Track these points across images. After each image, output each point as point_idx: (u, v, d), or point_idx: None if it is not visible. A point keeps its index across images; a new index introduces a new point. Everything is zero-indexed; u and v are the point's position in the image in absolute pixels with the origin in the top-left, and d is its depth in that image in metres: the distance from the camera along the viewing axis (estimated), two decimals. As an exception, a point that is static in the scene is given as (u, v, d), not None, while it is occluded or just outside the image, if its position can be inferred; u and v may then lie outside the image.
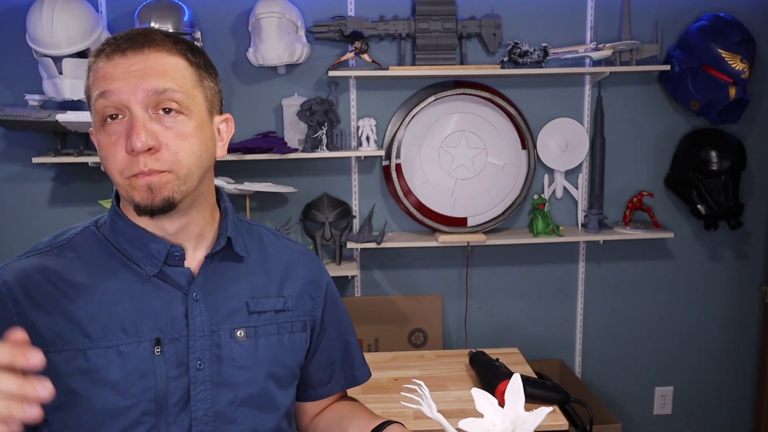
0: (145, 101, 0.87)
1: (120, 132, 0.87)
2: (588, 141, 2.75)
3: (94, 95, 0.89)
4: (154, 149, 0.86)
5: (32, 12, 2.30)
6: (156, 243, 0.94)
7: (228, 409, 0.95)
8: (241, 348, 0.97)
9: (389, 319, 2.76)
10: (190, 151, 0.89)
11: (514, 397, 0.83)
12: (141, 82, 0.86)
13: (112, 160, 0.88)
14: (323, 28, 2.55)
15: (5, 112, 2.41)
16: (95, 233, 0.97)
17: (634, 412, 2.99)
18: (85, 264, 0.93)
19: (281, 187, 2.53)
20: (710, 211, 2.72)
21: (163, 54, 0.89)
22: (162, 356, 0.91)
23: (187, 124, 0.89)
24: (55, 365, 0.87)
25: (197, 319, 0.94)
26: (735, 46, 2.55)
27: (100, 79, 0.88)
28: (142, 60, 0.88)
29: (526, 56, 2.60)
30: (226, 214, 1.02)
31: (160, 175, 0.87)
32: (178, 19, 2.42)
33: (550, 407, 0.84)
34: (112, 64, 0.88)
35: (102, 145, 0.89)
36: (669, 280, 2.91)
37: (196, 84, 0.92)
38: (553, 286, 2.89)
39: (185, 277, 0.95)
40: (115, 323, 0.90)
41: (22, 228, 2.64)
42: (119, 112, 0.87)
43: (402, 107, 2.69)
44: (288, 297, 1.04)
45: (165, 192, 0.88)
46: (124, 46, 0.88)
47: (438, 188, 2.70)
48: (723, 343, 2.98)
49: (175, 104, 0.88)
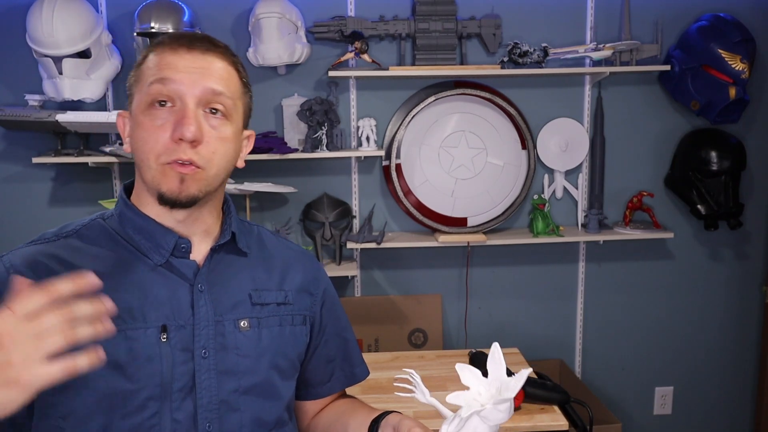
0: (200, 97, 0.93)
1: (167, 118, 0.92)
2: (588, 141, 2.75)
3: (149, 79, 0.93)
4: (197, 142, 0.91)
5: (32, 12, 2.30)
6: (164, 234, 0.97)
7: (231, 397, 0.97)
8: (245, 338, 0.99)
9: (389, 319, 2.76)
10: (224, 154, 0.96)
11: (495, 366, 0.86)
12: (201, 79, 0.93)
13: (152, 143, 0.91)
14: (323, 28, 2.54)
15: (5, 112, 2.41)
16: (102, 224, 1.00)
17: (634, 412, 2.99)
18: (93, 252, 0.96)
19: (281, 187, 2.53)
20: (710, 211, 2.72)
21: (224, 61, 0.97)
22: (168, 343, 0.93)
23: (228, 129, 0.96)
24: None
25: (202, 309, 0.97)
26: (735, 46, 2.55)
27: (163, 67, 0.93)
28: (206, 61, 0.95)
29: (526, 56, 2.60)
30: (229, 212, 1.05)
31: (194, 170, 0.92)
32: (178, 19, 2.42)
33: (530, 369, 0.87)
34: (177, 56, 0.94)
35: (144, 126, 0.92)
36: (669, 280, 2.91)
37: (241, 95, 0.99)
38: (553, 286, 2.88)
39: (191, 268, 0.98)
40: (123, 308, 0.91)
41: (22, 228, 2.64)
42: (171, 101, 0.92)
43: (402, 107, 2.69)
44: (288, 291, 1.07)
45: (193, 189, 0.93)
46: (192, 44, 0.95)
47: (438, 188, 2.70)
48: (723, 343, 2.98)
49: (223, 108, 0.95)
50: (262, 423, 1.01)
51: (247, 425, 0.99)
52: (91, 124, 2.38)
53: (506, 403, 0.84)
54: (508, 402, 0.84)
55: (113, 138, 2.57)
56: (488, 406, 0.83)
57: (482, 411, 0.83)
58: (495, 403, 0.83)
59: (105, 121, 2.35)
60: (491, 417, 0.84)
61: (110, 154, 2.45)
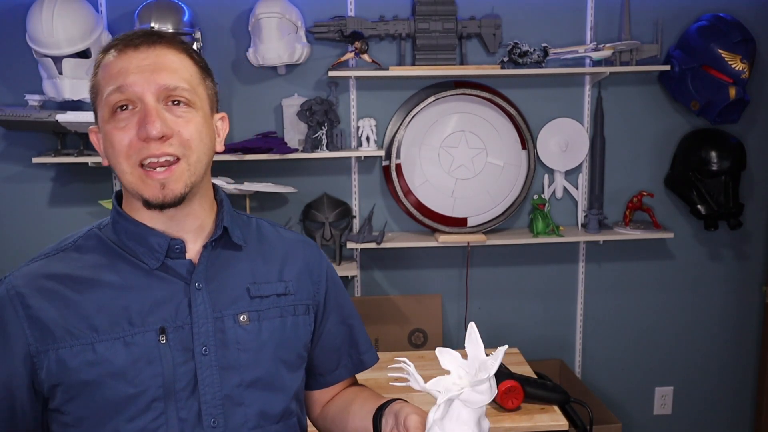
0: (157, 93, 0.92)
1: (130, 120, 0.92)
2: (588, 141, 2.75)
3: (106, 90, 0.92)
4: (167, 136, 0.91)
5: (32, 12, 2.30)
6: (157, 237, 0.97)
7: (235, 391, 0.98)
8: (245, 332, 1.00)
9: (389, 319, 2.76)
10: (199, 139, 0.95)
11: (473, 347, 0.86)
12: (154, 76, 0.92)
13: (119, 146, 0.92)
14: (323, 28, 2.54)
15: (5, 112, 2.41)
16: (98, 234, 1.00)
17: (634, 412, 2.99)
18: (90, 262, 0.97)
19: (281, 187, 2.53)
20: (710, 211, 2.72)
21: (173, 51, 0.96)
22: (167, 344, 0.95)
23: (195, 115, 0.95)
24: (65, 360, 0.92)
25: (200, 307, 0.97)
26: (735, 46, 2.55)
27: (114, 75, 0.92)
28: (154, 55, 0.93)
29: (526, 56, 2.60)
30: (222, 207, 1.05)
31: (171, 169, 0.92)
32: (178, 19, 2.42)
33: (506, 345, 0.87)
34: (125, 57, 0.93)
35: (109, 133, 0.93)
36: (669, 280, 2.91)
37: (200, 81, 0.98)
38: (553, 286, 2.88)
39: (186, 267, 0.99)
40: (121, 316, 0.94)
41: (23, 228, 2.64)
42: (131, 104, 0.92)
43: (402, 107, 2.69)
44: (288, 281, 1.07)
45: (178, 187, 0.93)
46: (136, 41, 0.94)
47: (438, 188, 2.70)
48: (723, 343, 2.98)
49: (184, 98, 0.94)
50: (268, 416, 1.01)
51: (252, 419, 1.00)
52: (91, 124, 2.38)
53: (485, 384, 0.83)
54: (486, 383, 0.83)
55: (113, 138, 2.57)
56: (466, 390, 0.83)
57: (461, 395, 0.82)
58: (473, 385, 0.83)
59: (105, 121, 2.35)
60: (472, 399, 0.83)
61: (110, 154, 2.45)
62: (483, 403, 0.84)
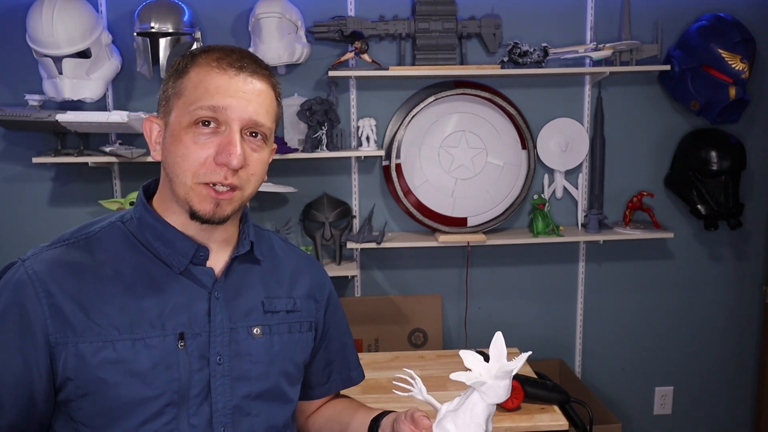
0: (246, 124, 0.94)
1: (210, 139, 0.92)
2: (588, 141, 2.75)
3: (197, 102, 0.92)
4: (240, 167, 0.93)
5: (32, 12, 2.30)
6: (184, 242, 0.98)
7: (244, 402, 1.00)
8: (258, 344, 1.02)
9: (389, 319, 2.76)
10: (260, 176, 0.98)
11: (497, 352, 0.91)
12: (248, 107, 0.93)
13: (191, 161, 0.92)
14: (323, 28, 2.54)
15: (5, 112, 2.40)
16: (121, 228, 1.00)
17: (634, 412, 2.99)
18: (112, 256, 0.97)
19: (281, 187, 2.53)
20: (710, 211, 2.72)
21: (268, 86, 0.97)
22: (185, 350, 0.95)
23: (265, 152, 0.98)
24: (85, 355, 0.91)
25: (218, 317, 0.98)
26: (735, 46, 2.55)
27: (211, 92, 0.92)
28: (253, 84, 0.95)
29: (526, 56, 2.60)
30: (246, 220, 1.07)
31: (231, 194, 0.94)
32: (178, 19, 2.42)
33: (530, 352, 0.93)
34: (225, 76, 0.93)
35: (185, 143, 0.92)
36: (669, 280, 2.91)
37: (276, 119, 1.01)
38: (553, 286, 2.88)
39: (210, 276, 1.00)
40: (142, 316, 0.94)
41: (22, 228, 2.64)
42: (215, 123, 0.92)
43: (402, 107, 2.69)
44: (297, 298, 1.09)
45: (228, 211, 0.95)
46: (242, 64, 0.94)
47: (438, 188, 2.70)
48: (723, 343, 2.98)
49: (264, 135, 0.97)
50: (273, 427, 1.04)
51: (259, 429, 1.02)
52: (91, 124, 2.38)
53: (506, 380, 0.88)
54: (507, 379, 0.88)
55: (113, 138, 2.57)
56: (489, 381, 0.87)
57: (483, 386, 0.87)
58: (497, 377, 0.87)
59: (105, 121, 2.35)
60: (490, 393, 0.87)
61: (110, 154, 2.45)
62: (500, 400, 0.88)
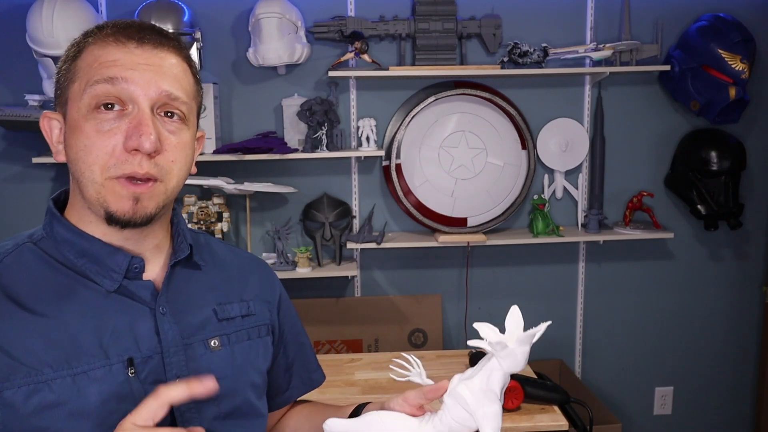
0: (155, 100, 0.80)
1: (115, 124, 0.79)
2: (588, 141, 2.75)
3: (93, 77, 0.79)
4: (156, 152, 0.80)
5: (32, 12, 2.30)
6: (115, 255, 0.84)
7: (214, 424, 0.88)
8: (218, 358, 0.90)
9: (389, 319, 2.76)
10: (184, 164, 0.84)
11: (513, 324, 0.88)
12: (157, 79, 0.80)
13: (97, 152, 0.78)
14: (323, 28, 2.54)
15: (5, 112, 2.41)
16: (33, 249, 0.85)
17: (634, 412, 2.99)
18: (28, 286, 0.81)
19: (281, 187, 2.53)
20: (710, 211, 2.72)
21: (178, 58, 0.85)
22: (137, 377, 0.81)
23: (186, 134, 0.85)
24: (14, 403, 0.75)
25: (169, 334, 0.85)
26: (735, 46, 2.55)
27: (107, 64, 0.79)
28: (158, 57, 0.82)
29: (526, 56, 2.60)
30: (178, 222, 0.94)
31: (151, 186, 0.80)
32: (178, 19, 2.42)
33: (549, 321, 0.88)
34: (125, 51, 0.80)
35: (86, 133, 0.79)
36: (669, 280, 2.91)
37: (195, 95, 0.88)
38: (553, 286, 2.88)
39: (148, 290, 0.86)
40: (78, 347, 0.79)
41: (22, 228, 2.61)
42: (120, 104, 0.79)
43: (402, 107, 2.69)
44: (249, 301, 0.98)
45: (150, 207, 0.81)
46: (141, 36, 0.81)
47: (438, 188, 2.70)
48: (723, 343, 2.98)
49: (180, 112, 0.83)
50: None
51: None
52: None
53: (526, 346, 0.85)
54: (528, 346, 0.85)
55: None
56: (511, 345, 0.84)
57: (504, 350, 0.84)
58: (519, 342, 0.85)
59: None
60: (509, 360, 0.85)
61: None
62: (517, 368, 0.85)
